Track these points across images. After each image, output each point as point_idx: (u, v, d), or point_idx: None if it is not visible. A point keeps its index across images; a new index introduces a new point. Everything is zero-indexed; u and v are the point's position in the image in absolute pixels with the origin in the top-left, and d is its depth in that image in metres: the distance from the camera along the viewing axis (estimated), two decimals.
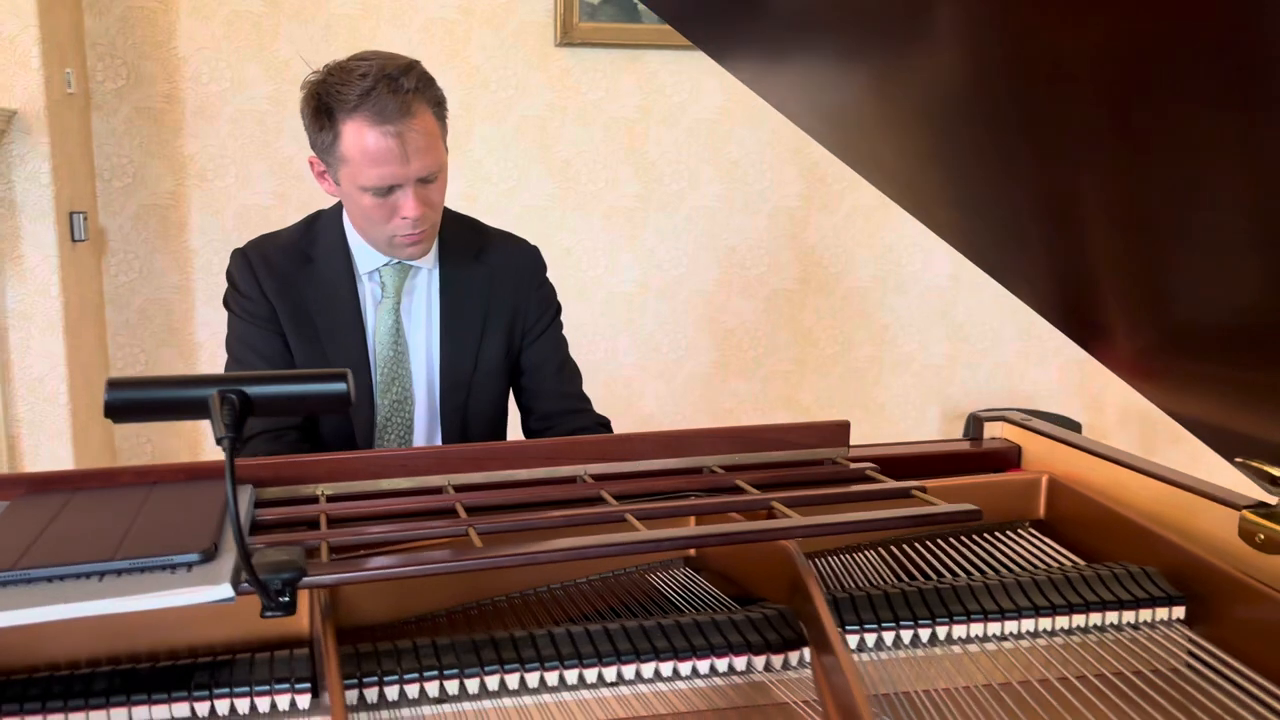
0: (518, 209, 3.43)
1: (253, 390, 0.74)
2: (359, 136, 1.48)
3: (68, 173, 2.85)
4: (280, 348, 1.64)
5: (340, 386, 0.77)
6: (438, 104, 1.56)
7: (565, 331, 1.82)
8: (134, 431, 3.27)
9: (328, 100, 1.50)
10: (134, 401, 0.74)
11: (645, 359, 3.60)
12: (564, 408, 1.78)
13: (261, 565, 0.84)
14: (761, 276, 3.65)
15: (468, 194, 3.37)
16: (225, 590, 0.82)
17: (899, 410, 3.86)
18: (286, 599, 0.84)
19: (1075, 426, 3.48)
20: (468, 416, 1.73)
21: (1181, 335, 0.96)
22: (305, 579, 0.85)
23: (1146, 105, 0.63)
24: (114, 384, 0.73)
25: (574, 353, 1.83)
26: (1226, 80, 0.54)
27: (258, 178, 3.25)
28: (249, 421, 1.59)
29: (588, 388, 1.82)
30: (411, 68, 1.52)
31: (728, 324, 3.66)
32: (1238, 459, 1.00)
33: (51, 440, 2.80)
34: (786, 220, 3.63)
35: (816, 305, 3.71)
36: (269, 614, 0.83)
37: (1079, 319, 1.11)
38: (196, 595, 0.82)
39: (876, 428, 3.80)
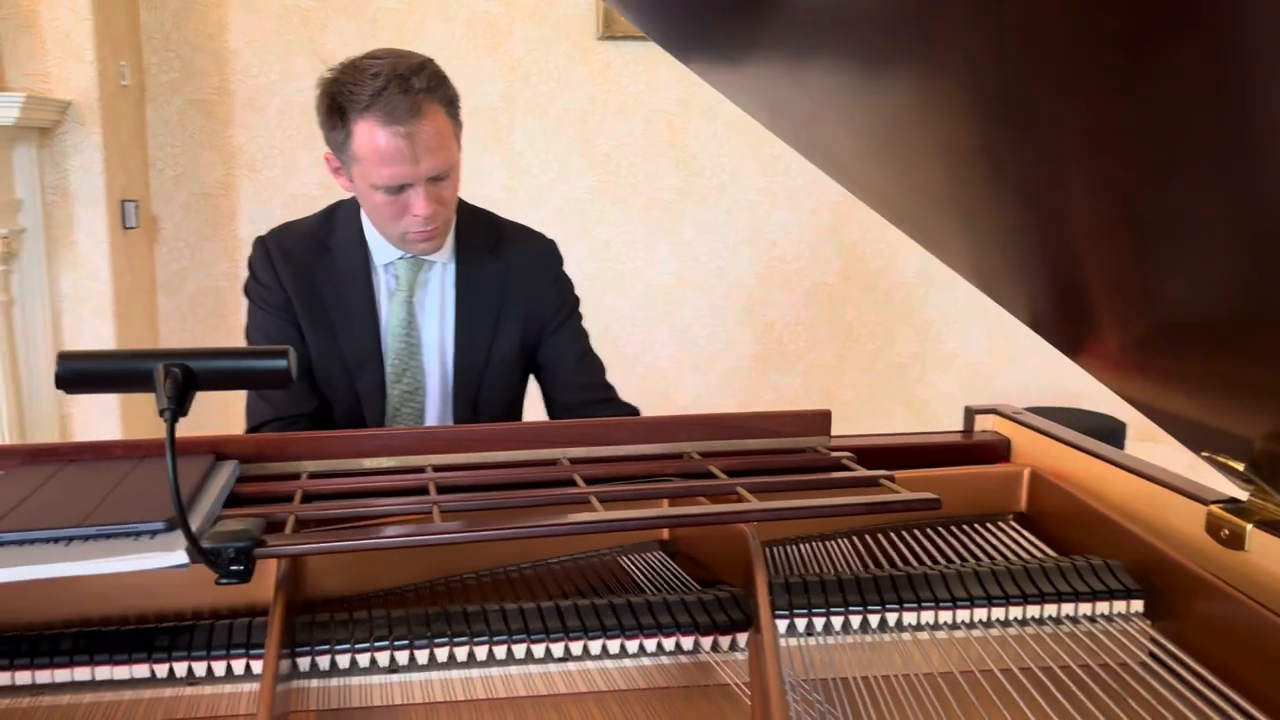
0: (558, 201, 3.46)
1: (196, 365, 0.77)
2: (370, 136, 1.50)
3: (120, 162, 2.95)
4: (295, 337, 1.68)
5: (281, 363, 0.79)
6: (450, 102, 1.58)
7: (604, 323, 1.81)
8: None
9: (340, 100, 1.53)
10: (83, 373, 0.78)
11: (683, 351, 3.61)
12: (586, 398, 1.78)
13: (217, 534, 0.87)
14: (802, 270, 3.64)
15: (509, 186, 3.42)
16: (180, 557, 0.86)
17: (942, 407, 3.82)
18: (240, 568, 0.87)
19: (1120, 426, 3.41)
20: (479, 409, 1.76)
21: (1162, 331, 0.95)
22: (260, 550, 0.88)
23: (1137, 97, 0.62)
24: (64, 356, 0.77)
25: (611, 344, 1.83)
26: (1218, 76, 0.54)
27: (305, 168, 3.32)
28: (262, 409, 1.66)
29: (624, 379, 1.81)
30: (423, 67, 1.54)
31: (768, 318, 3.66)
32: (1205, 453, 0.98)
33: (100, 419, 2.91)
34: (829, 214, 3.61)
35: (858, 300, 3.69)
36: (223, 581, 0.87)
37: (1058, 320, 1.10)
38: (151, 561, 0.85)
39: (919, 425, 3.77)
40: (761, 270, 3.61)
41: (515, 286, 1.74)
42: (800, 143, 1.15)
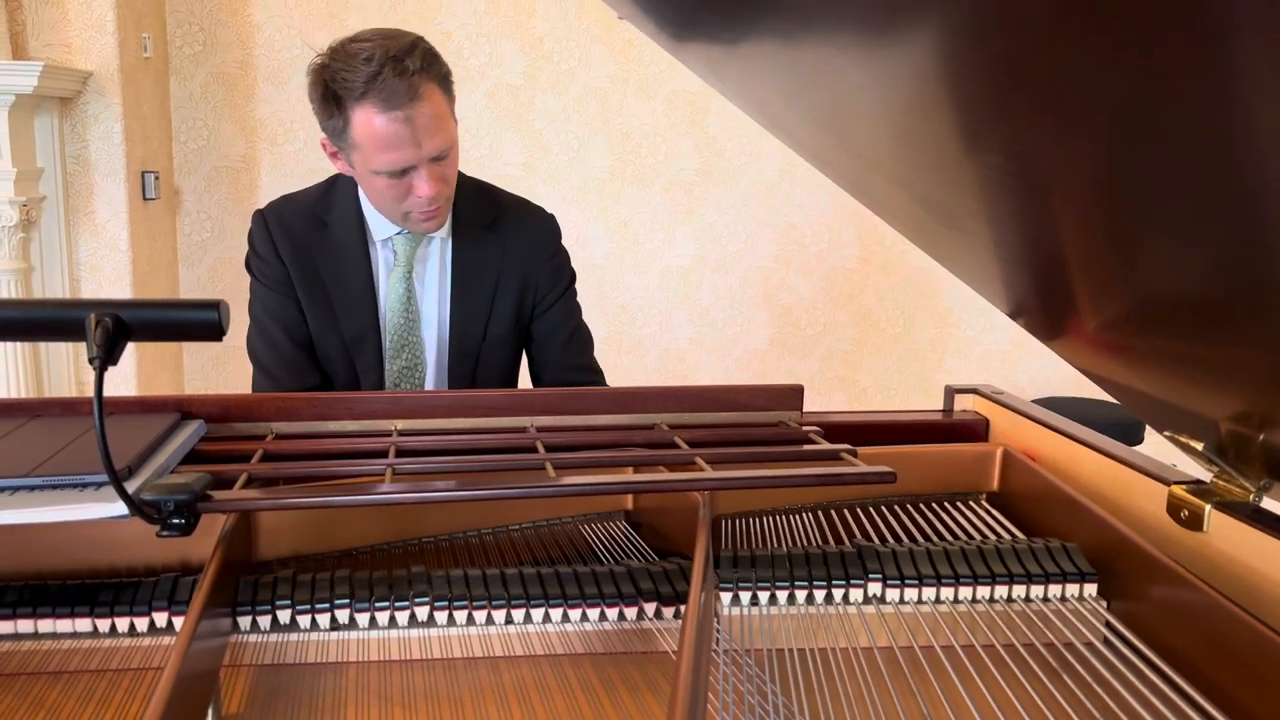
0: (577, 180, 3.45)
1: (127, 314, 0.78)
2: (369, 123, 1.48)
3: (141, 133, 2.98)
4: (295, 313, 1.68)
5: (211, 315, 0.80)
6: (443, 79, 1.56)
7: (621, 303, 1.79)
8: (200, 385, 3.40)
9: (334, 87, 1.49)
10: (14, 320, 0.78)
11: (700, 334, 3.59)
12: (571, 378, 1.79)
13: (158, 487, 0.88)
14: (821, 254, 3.61)
15: (528, 164, 3.41)
16: (119, 508, 0.86)
17: None
18: (181, 521, 0.88)
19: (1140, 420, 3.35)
20: (475, 383, 1.76)
21: (1136, 311, 0.92)
22: (202, 504, 0.88)
23: (1114, 73, 0.60)
24: None
25: (629, 325, 1.81)
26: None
27: None
28: (263, 384, 1.67)
29: (642, 360, 1.81)
30: (415, 46, 1.51)
31: (785, 301, 3.63)
32: (1167, 433, 0.96)
33: (118, 387, 2.94)
34: (849, 197, 3.57)
35: (878, 285, 3.65)
36: (164, 534, 0.87)
37: (1035, 305, 1.07)
38: (90, 511, 0.86)
39: None
40: (780, 253, 3.59)
41: (512, 259, 1.74)
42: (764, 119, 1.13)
